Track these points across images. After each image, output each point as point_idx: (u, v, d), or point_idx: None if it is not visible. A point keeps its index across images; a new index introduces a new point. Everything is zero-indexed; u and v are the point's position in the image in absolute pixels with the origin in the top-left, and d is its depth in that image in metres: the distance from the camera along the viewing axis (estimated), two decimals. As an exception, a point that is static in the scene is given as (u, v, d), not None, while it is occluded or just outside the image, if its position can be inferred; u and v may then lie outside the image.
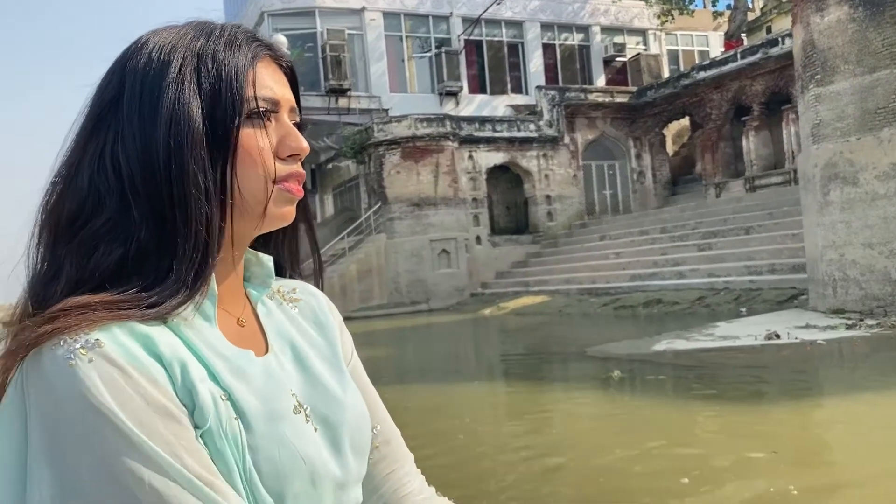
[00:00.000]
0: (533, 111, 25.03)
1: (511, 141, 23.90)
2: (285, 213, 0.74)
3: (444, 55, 25.58)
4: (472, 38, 26.51)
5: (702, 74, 23.36)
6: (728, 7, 28.31)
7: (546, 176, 24.48)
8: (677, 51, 30.26)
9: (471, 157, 23.28)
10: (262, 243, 0.81)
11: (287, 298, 0.85)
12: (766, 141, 22.19)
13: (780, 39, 20.82)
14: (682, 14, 27.11)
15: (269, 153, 0.71)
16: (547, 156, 24.47)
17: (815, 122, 11.00)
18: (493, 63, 27.14)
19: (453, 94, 25.77)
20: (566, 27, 28.30)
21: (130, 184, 0.67)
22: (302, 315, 0.84)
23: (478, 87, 26.82)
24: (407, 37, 25.96)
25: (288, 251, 0.85)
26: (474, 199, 23.29)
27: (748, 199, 20.51)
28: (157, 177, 0.66)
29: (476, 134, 23.33)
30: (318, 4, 24.53)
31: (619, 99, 25.66)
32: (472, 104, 26.18)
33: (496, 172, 23.95)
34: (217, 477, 0.63)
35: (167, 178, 0.66)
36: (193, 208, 0.66)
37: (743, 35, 26.00)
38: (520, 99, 26.92)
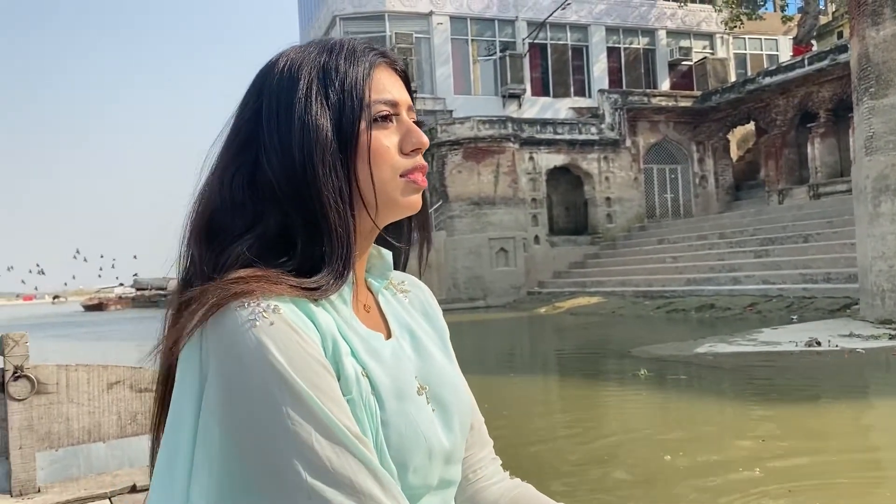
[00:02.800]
0: (595, 114, 25.31)
1: (572, 143, 24.26)
2: (413, 202, 0.81)
3: (508, 58, 26.08)
4: (536, 41, 26.92)
5: (767, 80, 23.21)
6: (799, 11, 27.90)
7: (606, 178, 24.75)
8: (745, 54, 29.98)
9: (531, 158, 23.75)
10: (379, 239, 0.87)
11: (399, 289, 0.92)
12: (831, 148, 21.93)
13: (849, 46, 20.55)
14: (750, 19, 26.86)
15: (394, 150, 0.78)
16: (608, 158, 24.73)
17: (869, 135, 11.13)
18: (556, 66, 27.49)
19: (516, 97, 26.25)
20: (632, 31, 28.42)
21: (277, 189, 0.74)
22: (412, 305, 0.91)
23: (541, 89, 27.21)
24: (473, 40, 26.55)
25: (401, 245, 0.91)
26: (533, 200, 23.74)
27: (810, 207, 20.35)
28: (296, 181, 0.74)
29: (537, 136, 23.78)
30: (388, 9, 25.36)
31: (683, 103, 25.69)
32: (534, 106, 26.60)
33: (556, 174, 24.35)
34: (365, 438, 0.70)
35: (304, 183, 0.73)
36: (330, 207, 0.73)
37: (813, 40, 25.61)
38: (582, 102, 27.20)
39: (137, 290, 63.29)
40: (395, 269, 0.91)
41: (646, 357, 9.63)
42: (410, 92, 0.84)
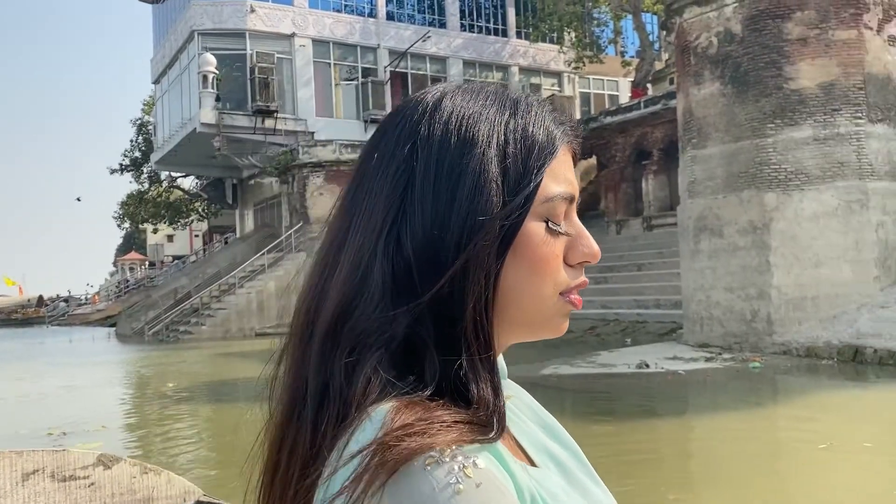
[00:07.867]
0: (452, 143, 26.40)
1: (430, 170, 25.17)
2: (563, 328, 0.63)
3: (370, 84, 26.67)
4: (398, 69, 27.71)
5: (608, 119, 25.28)
6: (637, 55, 30.48)
7: (462, 205, 25.85)
8: (589, 93, 32.35)
9: (391, 183, 24.39)
10: None
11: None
12: (663, 184, 24.15)
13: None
14: (592, 62, 29.09)
15: (561, 260, 0.60)
16: (463, 186, 25.87)
17: (691, 180, 12.63)
18: (416, 94, 28.39)
19: (378, 122, 26.83)
20: (487, 65, 29.91)
21: (415, 276, 0.56)
22: (524, 414, 0.70)
23: (401, 116, 27.96)
24: (335, 64, 26.92)
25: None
26: (392, 224, 24.37)
27: (643, 238, 22.31)
28: (443, 272, 0.55)
29: (397, 161, 24.47)
30: (249, 27, 25.24)
31: (533, 136, 27.33)
32: (394, 132, 27.28)
33: (414, 199, 25.12)
34: None
35: (453, 275, 0.55)
36: (481, 315, 0.56)
37: (649, 84, 28.09)
38: (441, 130, 28.26)
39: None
40: None
41: (498, 379, 10.41)
42: None
